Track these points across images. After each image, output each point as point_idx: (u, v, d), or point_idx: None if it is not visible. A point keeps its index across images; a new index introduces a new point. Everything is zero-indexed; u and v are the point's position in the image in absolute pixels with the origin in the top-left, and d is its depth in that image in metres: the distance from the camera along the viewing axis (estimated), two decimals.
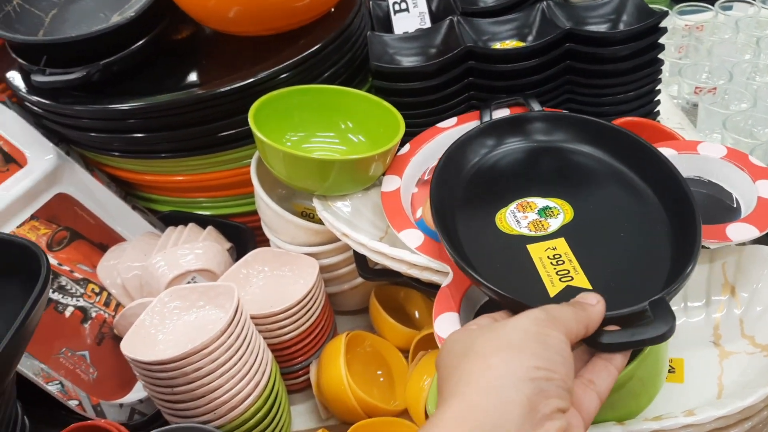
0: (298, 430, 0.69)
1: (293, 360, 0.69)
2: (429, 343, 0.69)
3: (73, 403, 0.60)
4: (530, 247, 0.55)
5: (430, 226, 0.63)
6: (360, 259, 0.69)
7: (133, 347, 0.58)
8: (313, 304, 0.68)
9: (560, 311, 0.40)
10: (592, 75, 0.75)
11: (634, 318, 0.43)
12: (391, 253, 0.60)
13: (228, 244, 0.79)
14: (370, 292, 0.76)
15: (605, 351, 0.41)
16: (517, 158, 0.66)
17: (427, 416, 0.63)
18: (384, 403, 0.66)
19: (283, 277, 0.71)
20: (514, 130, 0.68)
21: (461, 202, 0.61)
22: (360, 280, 0.76)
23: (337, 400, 0.65)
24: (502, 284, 0.49)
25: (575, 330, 0.40)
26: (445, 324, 0.53)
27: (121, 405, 0.64)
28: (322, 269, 0.71)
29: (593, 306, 0.42)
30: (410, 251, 0.60)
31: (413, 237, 0.61)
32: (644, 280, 0.49)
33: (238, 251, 0.79)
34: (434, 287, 0.64)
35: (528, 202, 0.61)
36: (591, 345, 0.42)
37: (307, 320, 0.68)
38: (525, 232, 0.57)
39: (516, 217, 0.59)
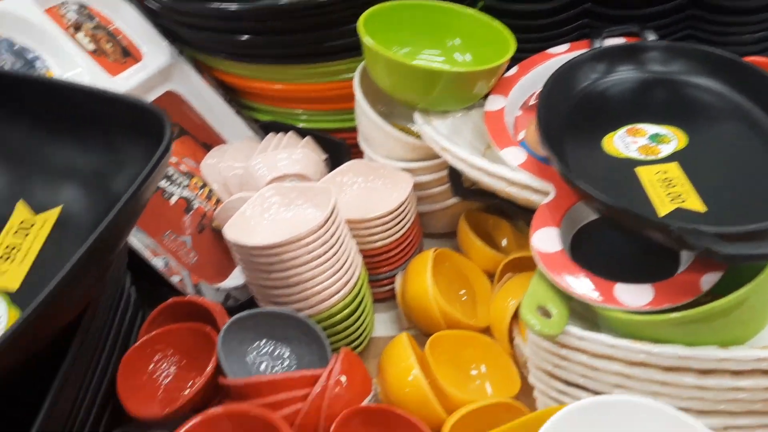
0: (379, 335, 0.71)
1: (380, 268, 0.70)
2: (516, 267, 0.69)
3: (175, 279, 0.64)
4: (639, 170, 0.54)
5: (533, 149, 0.62)
6: (455, 177, 0.70)
7: (235, 233, 0.61)
8: (405, 216, 0.69)
9: None
10: (718, 11, 0.71)
11: (756, 236, 0.42)
12: (491, 169, 0.60)
13: (324, 155, 0.80)
14: (458, 216, 0.76)
15: (727, 262, 0.40)
16: (628, 87, 0.65)
17: (511, 336, 0.63)
18: (466, 318, 0.67)
19: (376, 189, 0.73)
20: (627, 58, 0.66)
21: (567, 123, 0.61)
22: (450, 202, 0.76)
23: (420, 310, 0.66)
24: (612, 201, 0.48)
25: None
26: (544, 237, 0.53)
27: (217, 289, 0.68)
28: (415, 187, 0.72)
29: None
30: (511, 169, 0.60)
31: (515, 155, 0.61)
32: (765, 203, 0.47)
33: (333, 165, 0.81)
34: (527, 210, 0.64)
35: (637, 129, 0.59)
36: (713, 257, 0.41)
37: (398, 231, 0.69)
38: (634, 155, 0.56)
39: (625, 142, 0.58)
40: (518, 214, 0.67)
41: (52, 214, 0.49)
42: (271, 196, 0.66)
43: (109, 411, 0.56)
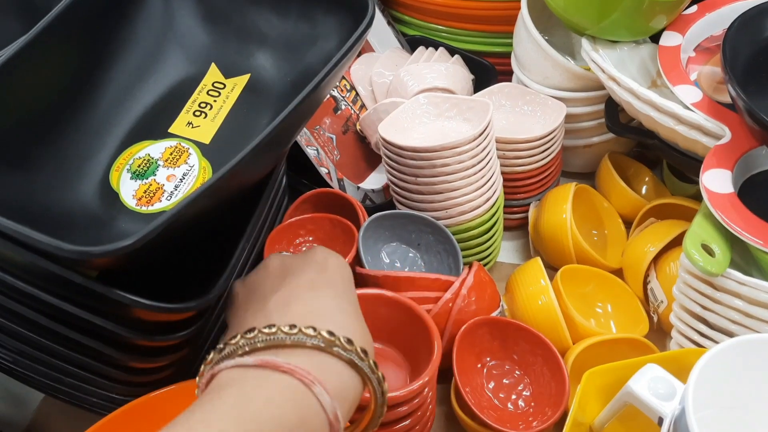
0: (502, 261, 0.71)
1: (516, 194, 0.70)
2: (657, 214, 0.67)
3: (323, 171, 0.66)
4: None
5: (707, 91, 0.59)
6: (612, 111, 0.68)
7: (390, 133, 0.62)
8: (552, 144, 0.68)
9: None
10: None
11: None
12: (661, 104, 0.58)
13: (471, 76, 0.80)
14: (598, 156, 0.74)
15: None
16: None
17: (646, 281, 0.62)
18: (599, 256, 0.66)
19: (524, 114, 0.72)
20: None
21: (751, 69, 0.57)
22: (596, 139, 0.74)
23: (554, 240, 0.66)
24: None
25: None
26: (716, 178, 0.51)
27: (358, 187, 0.69)
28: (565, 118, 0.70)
29: None
30: (683, 106, 0.57)
31: (690, 93, 0.58)
32: None
33: (477, 88, 0.80)
34: (682, 155, 0.61)
35: None
36: None
37: (543, 158, 0.68)
38: None
39: None
40: (671, 158, 0.64)
41: (241, 80, 0.51)
42: (425, 104, 0.66)
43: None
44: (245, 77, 0.51)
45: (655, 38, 0.66)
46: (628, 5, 0.61)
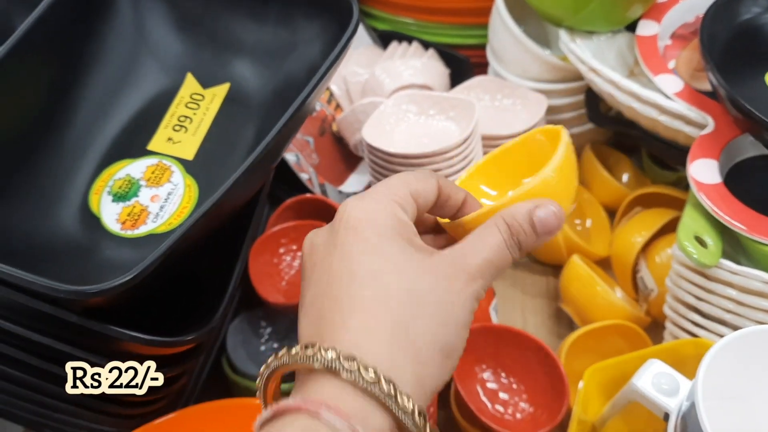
0: None
1: None
2: (640, 203, 0.67)
3: (304, 177, 0.64)
4: None
5: (685, 79, 0.59)
6: (592, 102, 0.68)
7: (374, 137, 0.60)
8: None
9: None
10: None
11: None
12: (643, 95, 0.58)
13: (447, 70, 0.79)
14: (581, 147, 0.74)
15: None
16: None
17: (635, 270, 0.62)
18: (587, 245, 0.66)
19: (504, 109, 0.71)
20: None
21: (727, 55, 0.57)
22: (576, 130, 0.74)
23: None
24: None
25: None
26: (703, 168, 0.52)
27: (340, 191, 0.68)
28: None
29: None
30: (665, 96, 0.57)
31: (670, 82, 0.58)
32: None
33: (453, 82, 0.79)
34: (668, 145, 0.62)
35: None
36: None
37: None
38: None
39: None
40: (653, 147, 0.65)
41: (220, 90, 0.49)
42: (406, 103, 0.65)
43: (239, 295, 0.58)
44: (224, 87, 0.49)
45: (630, 27, 0.66)
46: None
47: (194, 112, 0.48)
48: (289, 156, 0.64)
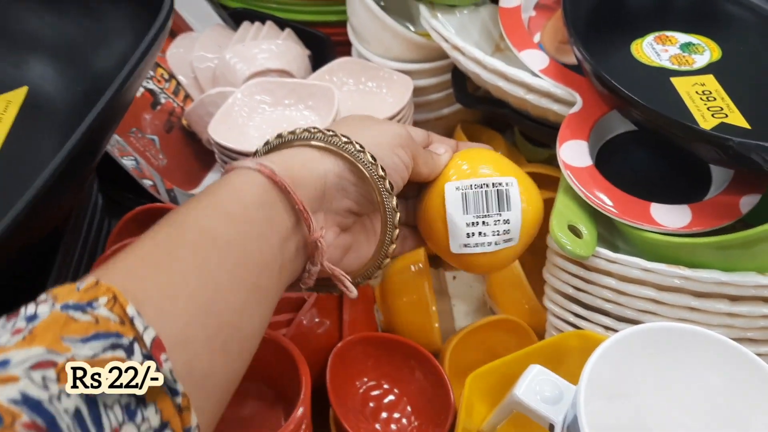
0: None
1: None
2: None
3: (147, 183, 0.56)
4: (675, 81, 0.50)
5: (551, 53, 0.56)
6: (459, 82, 0.64)
7: (223, 135, 0.53)
8: (403, 122, 0.63)
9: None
10: None
11: None
12: (509, 73, 0.54)
13: (307, 51, 0.72)
14: (452, 127, 0.70)
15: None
16: None
17: None
18: None
19: (370, 92, 0.66)
20: None
21: (591, 25, 0.55)
22: (446, 110, 0.70)
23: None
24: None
25: (422, 172, 0.41)
26: (573, 151, 0.49)
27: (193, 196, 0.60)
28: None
29: (439, 155, 0.43)
30: (531, 74, 0.54)
31: (536, 58, 0.55)
32: None
33: (315, 64, 0.73)
34: (538, 123, 0.59)
35: (667, 36, 0.54)
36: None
37: None
38: (667, 65, 0.52)
39: (655, 49, 0.53)
40: (524, 126, 0.62)
41: (16, 96, 0.40)
42: (259, 94, 0.58)
43: None
44: (21, 92, 0.40)
45: None
46: None
47: None
48: (127, 161, 0.55)
